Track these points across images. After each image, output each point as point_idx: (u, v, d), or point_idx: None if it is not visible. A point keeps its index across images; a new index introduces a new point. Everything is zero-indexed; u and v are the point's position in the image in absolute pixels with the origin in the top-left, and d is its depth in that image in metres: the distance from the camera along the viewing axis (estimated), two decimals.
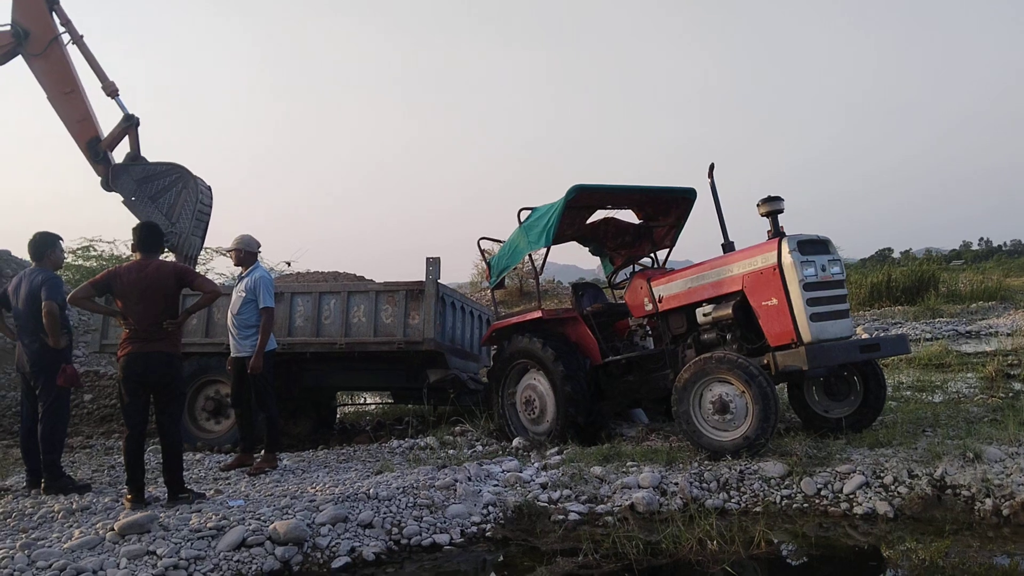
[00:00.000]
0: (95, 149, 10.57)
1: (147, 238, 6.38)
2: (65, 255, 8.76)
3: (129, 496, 6.00)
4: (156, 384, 6.13)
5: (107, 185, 10.59)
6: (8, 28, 10.38)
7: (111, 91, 10.70)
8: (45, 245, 7.14)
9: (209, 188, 11.03)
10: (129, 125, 10.65)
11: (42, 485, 6.72)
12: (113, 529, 5.06)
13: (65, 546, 4.87)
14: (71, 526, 5.46)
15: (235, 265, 7.97)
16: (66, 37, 10.60)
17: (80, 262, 19.39)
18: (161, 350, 6.08)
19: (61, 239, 7.29)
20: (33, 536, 5.20)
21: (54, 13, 10.49)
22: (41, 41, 10.44)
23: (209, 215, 11.04)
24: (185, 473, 6.36)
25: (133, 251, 6.49)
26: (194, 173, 10.72)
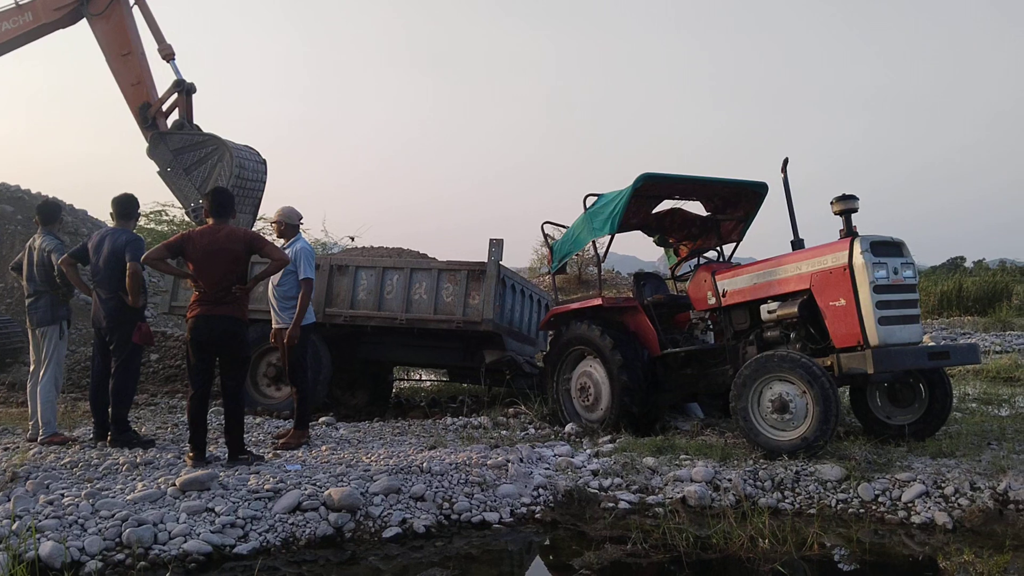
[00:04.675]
0: (145, 114, 10.40)
1: (219, 204, 6.47)
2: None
3: (191, 454, 6.17)
4: (222, 347, 6.27)
5: (149, 153, 10.38)
6: None
7: (167, 54, 10.48)
8: (133, 206, 7.34)
9: (262, 162, 10.66)
10: (180, 90, 10.39)
11: (108, 438, 6.90)
12: (175, 484, 5.22)
13: (128, 497, 5.04)
14: (134, 479, 5.64)
15: (277, 237, 7.78)
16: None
17: (152, 226, 19.93)
18: (228, 314, 6.20)
19: None
20: (98, 486, 5.37)
21: None
22: (103, 1, 10.41)
23: (260, 190, 10.63)
24: (245, 436, 6.51)
25: (205, 216, 6.60)
26: (239, 144, 10.36)
